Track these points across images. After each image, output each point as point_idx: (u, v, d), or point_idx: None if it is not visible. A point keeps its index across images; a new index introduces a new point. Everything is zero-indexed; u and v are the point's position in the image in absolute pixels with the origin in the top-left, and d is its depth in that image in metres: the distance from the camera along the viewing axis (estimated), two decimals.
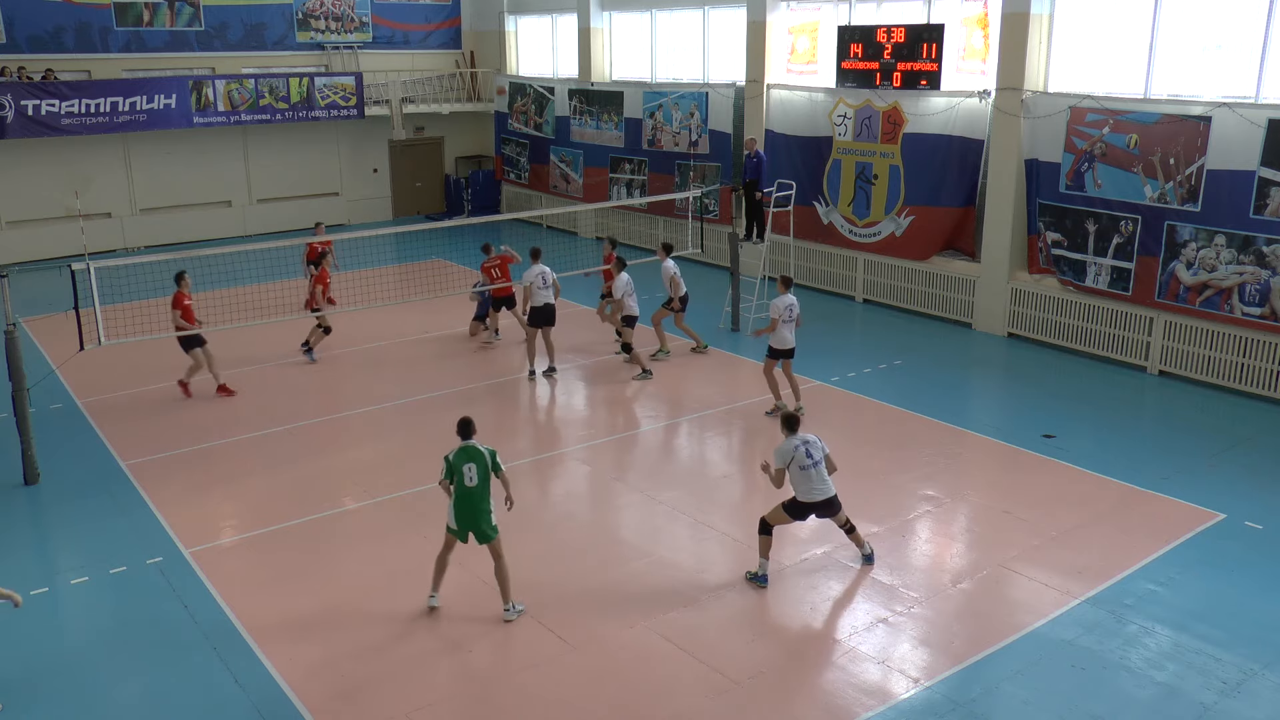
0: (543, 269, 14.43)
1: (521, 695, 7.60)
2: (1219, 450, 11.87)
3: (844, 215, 18.53)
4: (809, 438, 8.92)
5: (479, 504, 8.36)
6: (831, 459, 8.98)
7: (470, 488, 8.31)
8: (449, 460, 8.35)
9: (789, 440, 8.86)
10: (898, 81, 16.84)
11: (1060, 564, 9.31)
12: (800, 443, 8.82)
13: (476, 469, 8.30)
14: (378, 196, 27.41)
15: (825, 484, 8.85)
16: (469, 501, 8.35)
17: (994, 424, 12.95)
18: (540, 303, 14.29)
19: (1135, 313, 14.60)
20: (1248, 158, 12.98)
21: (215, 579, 9.25)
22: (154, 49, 23.70)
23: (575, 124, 24.38)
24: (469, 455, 8.33)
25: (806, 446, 8.82)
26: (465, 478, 8.30)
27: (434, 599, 8.69)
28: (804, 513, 8.96)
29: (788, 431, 8.95)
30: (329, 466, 11.75)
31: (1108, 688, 7.60)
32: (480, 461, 8.33)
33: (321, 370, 15.21)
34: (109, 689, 7.81)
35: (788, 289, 12.85)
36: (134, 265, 14.24)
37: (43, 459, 11.46)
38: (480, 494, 8.35)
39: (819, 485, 8.81)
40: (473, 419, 8.56)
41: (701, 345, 15.52)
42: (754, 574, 9.06)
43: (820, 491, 8.82)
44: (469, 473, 8.30)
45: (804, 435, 8.93)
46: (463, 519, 8.40)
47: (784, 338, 12.71)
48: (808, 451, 8.80)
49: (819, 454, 8.86)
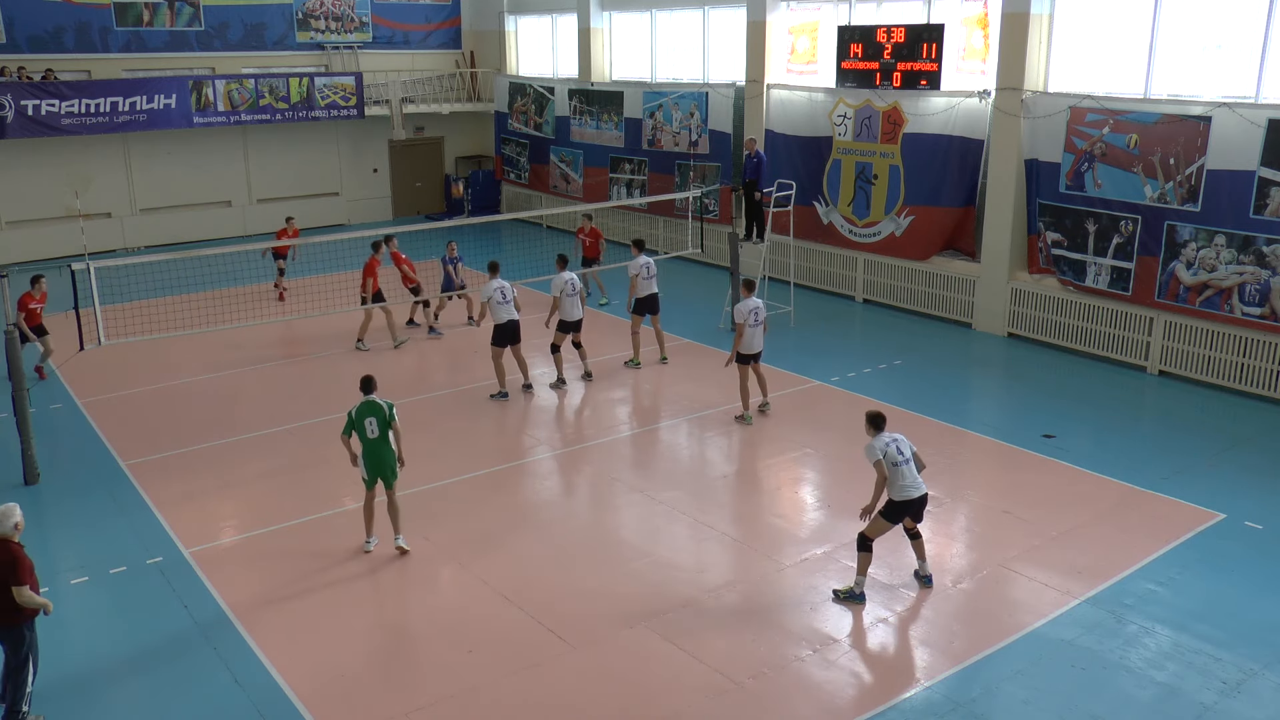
0: (501, 284, 13.46)
1: (521, 695, 7.60)
2: (1219, 450, 11.87)
3: (844, 215, 18.53)
4: (898, 435, 8.68)
5: (381, 453, 9.34)
6: (920, 457, 8.74)
7: (372, 439, 9.29)
8: (351, 415, 9.31)
9: (879, 437, 8.61)
10: (898, 81, 16.84)
11: (1060, 564, 9.31)
12: (890, 440, 8.59)
13: (377, 422, 9.27)
14: (378, 196, 27.40)
15: (918, 481, 8.60)
16: (374, 452, 9.33)
17: (994, 424, 12.95)
18: (502, 319, 13.37)
19: (1135, 313, 14.60)
20: (1248, 158, 12.98)
21: (215, 579, 9.25)
22: (154, 49, 23.70)
23: (575, 124, 24.38)
24: (371, 409, 9.30)
25: (897, 444, 8.59)
26: (367, 430, 9.27)
27: (369, 544, 9.62)
28: (900, 514, 8.68)
29: (874, 430, 8.69)
30: (329, 466, 11.74)
31: (1108, 688, 7.60)
32: (380, 415, 9.28)
33: (321, 370, 15.20)
34: (109, 689, 7.82)
35: (751, 293, 12.71)
36: (134, 265, 14.23)
37: (43, 459, 11.47)
38: (381, 443, 9.32)
39: (912, 482, 8.55)
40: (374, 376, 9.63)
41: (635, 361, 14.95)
42: (849, 591, 8.78)
43: (915, 488, 8.56)
44: (370, 426, 9.26)
45: (892, 433, 8.71)
46: (372, 468, 9.38)
47: (750, 343, 12.51)
48: (899, 448, 8.57)
49: (909, 450, 8.63)
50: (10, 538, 6.99)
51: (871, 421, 8.74)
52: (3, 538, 6.97)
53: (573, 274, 14.19)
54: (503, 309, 13.35)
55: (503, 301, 13.34)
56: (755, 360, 12.73)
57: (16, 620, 6.98)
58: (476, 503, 10.83)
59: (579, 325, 14.21)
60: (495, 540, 9.90)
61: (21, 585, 6.86)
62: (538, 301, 17.82)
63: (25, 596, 6.89)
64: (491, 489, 11.11)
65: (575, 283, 14.00)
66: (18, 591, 6.85)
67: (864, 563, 8.74)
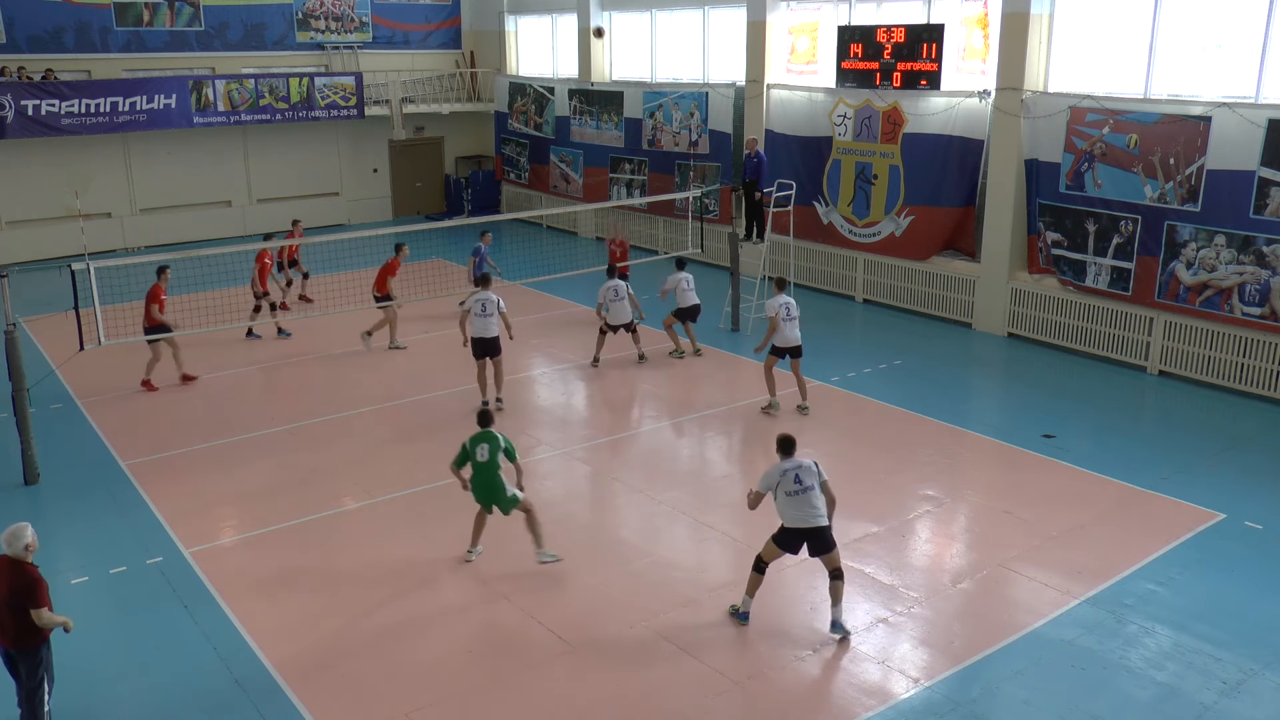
0: (486, 296, 13.00)
1: (521, 695, 7.60)
2: (1219, 450, 11.87)
3: (844, 215, 18.53)
4: (803, 462, 8.20)
5: (489, 478, 9.08)
6: (830, 488, 8.25)
7: (481, 462, 9.05)
8: (465, 445, 9.16)
9: (779, 465, 8.20)
10: (898, 81, 16.84)
11: (1060, 564, 9.31)
12: (791, 467, 8.13)
13: (489, 448, 9.07)
14: (378, 196, 27.41)
15: (815, 510, 8.08)
16: (481, 476, 9.10)
17: (994, 424, 12.95)
18: (477, 333, 12.99)
19: (1135, 313, 14.60)
20: (1248, 158, 12.98)
21: (215, 579, 9.25)
22: (154, 49, 23.70)
23: (575, 124, 24.38)
24: (484, 438, 9.14)
25: (797, 472, 8.11)
26: (477, 454, 9.07)
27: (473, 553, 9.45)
28: (794, 542, 8.19)
29: (781, 454, 8.29)
30: (329, 466, 11.75)
31: (1108, 688, 7.60)
32: (494, 443, 9.10)
33: (321, 370, 15.21)
34: (109, 689, 7.81)
35: (783, 290, 13.10)
36: (134, 265, 14.23)
37: (43, 459, 11.47)
38: (490, 468, 9.04)
39: (806, 511, 8.05)
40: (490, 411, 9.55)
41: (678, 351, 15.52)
42: (735, 609, 8.54)
43: (809, 518, 8.05)
44: (480, 452, 9.06)
45: (798, 460, 8.22)
46: (479, 493, 9.19)
47: (786, 335, 12.77)
48: (797, 477, 8.09)
49: (811, 479, 8.11)
50: (23, 559, 6.72)
51: (780, 446, 8.34)
52: (15, 559, 6.71)
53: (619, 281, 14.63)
54: (480, 322, 12.91)
55: (481, 314, 12.88)
56: (796, 355, 12.95)
57: (35, 643, 6.79)
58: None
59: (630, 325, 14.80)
60: (495, 540, 9.89)
61: (40, 608, 6.65)
62: (535, 304, 17.84)
63: (45, 619, 6.69)
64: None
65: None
66: (37, 615, 6.64)
67: (752, 583, 8.44)
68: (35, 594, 6.65)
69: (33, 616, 6.64)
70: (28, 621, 6.68)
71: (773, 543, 8.28)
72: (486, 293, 13.12)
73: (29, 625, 6.70)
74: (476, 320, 12.97)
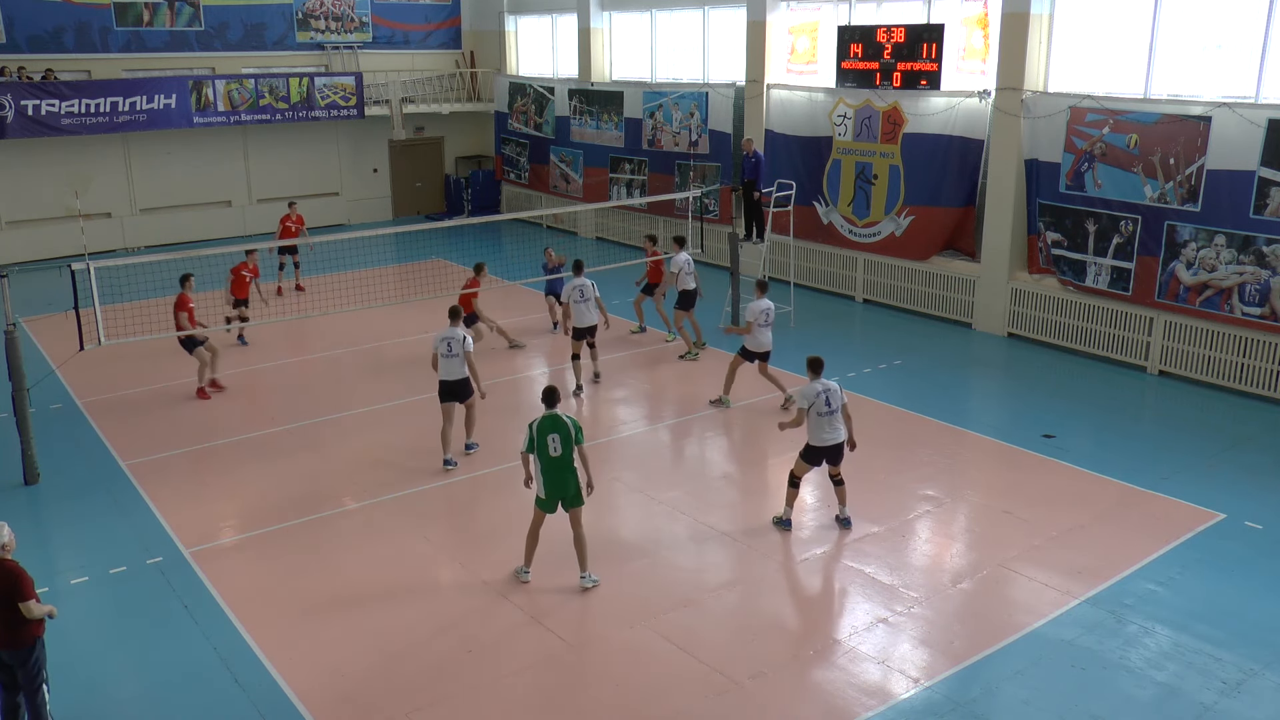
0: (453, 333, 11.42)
1: (521, 695, 7.60)
2: (1219, 450, 11.87)
3: (844, 215, 18.53)
4: (831, 385, 9.59)
5: (566, 473, 8.67)
6: (848, 409, 9.69)
7: (555, 458, 8.59)
8: (532, 429, 8.62)
9: (813, 384, 9.58)
10: (898, 81, 16.84)
11: (1060, 564, 9.31)
12: (822, 389, 9.51)
13: (560, 439, 8.58)
14: (378, 196, 27.40)
15: (837, 431, 9.59)
16: (558, 471, 8.65)
17: (994, 424, 12.95)
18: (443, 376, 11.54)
19: (1135, 313, 14.60)
20: (1248, 158, 12.98)
21: (215, 579, 9.25)
22: (154, 49, 23.70)
23: (575, 124, 24.38)
24: (554, 424, 8.61)
25: (827, 395, 9.51)
26: (550, 448, 8.57)
27: (526, 573, 9.04)
28: (818, 457, 9.69)
29: (812, 374, 9.69)
30: (329, 466, 11.75)
31: (1108, 688, 7.60)
32: (564, 432, 8.60)
33: (321, 370, 15.21)
34: (109, 689, 7.81)
35: (764, 294, 13.17)
36: (134, 265, 14.24)
37: (43, 459, 11.47)
38: (566, 462, 8.63)
39: (829, 433, 9.55)
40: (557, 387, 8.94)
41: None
42: (779, 518, 10.04)
43: (831, 438, 9.57)
44: (553, 443, 8.57)
45: (825, 381, 9.60)
46: (552, 488, 8.70)
47: (760, 340, 12.94)
48: (827, 400, 9.51)
49: (836, 402, 9.56)
50: (2, 557, 6.73)
51: (811, 366, 9.75)
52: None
53: (588, 279, 13.87)
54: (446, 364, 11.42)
55: (447, 354, 11.40)
56: (764, 359, 13.07)
57: (28, 641, 6.79)
58: (477, 503, 10.84)
59: (593, 331, 13.97)
60: (495, 540, 9.89)
61: (29, 600, 6.66)
62: (535, 304, 17.86)
63: (35, 610, 6.71)
64: (492, 489, 11.11)
65: (587, 289, 13.64)
66: (26, 607, 6.65)
67: (790, 496, 9.97)
68: (21, 587, 6.68)
69: (23, 610, 6.67)
70: (17, 618, 6.70)
71: (801, 460, 9.79)
72: (454, 329, 11.54)
73: (19, 621, 6.72)
74: (443, 362, 11.40)
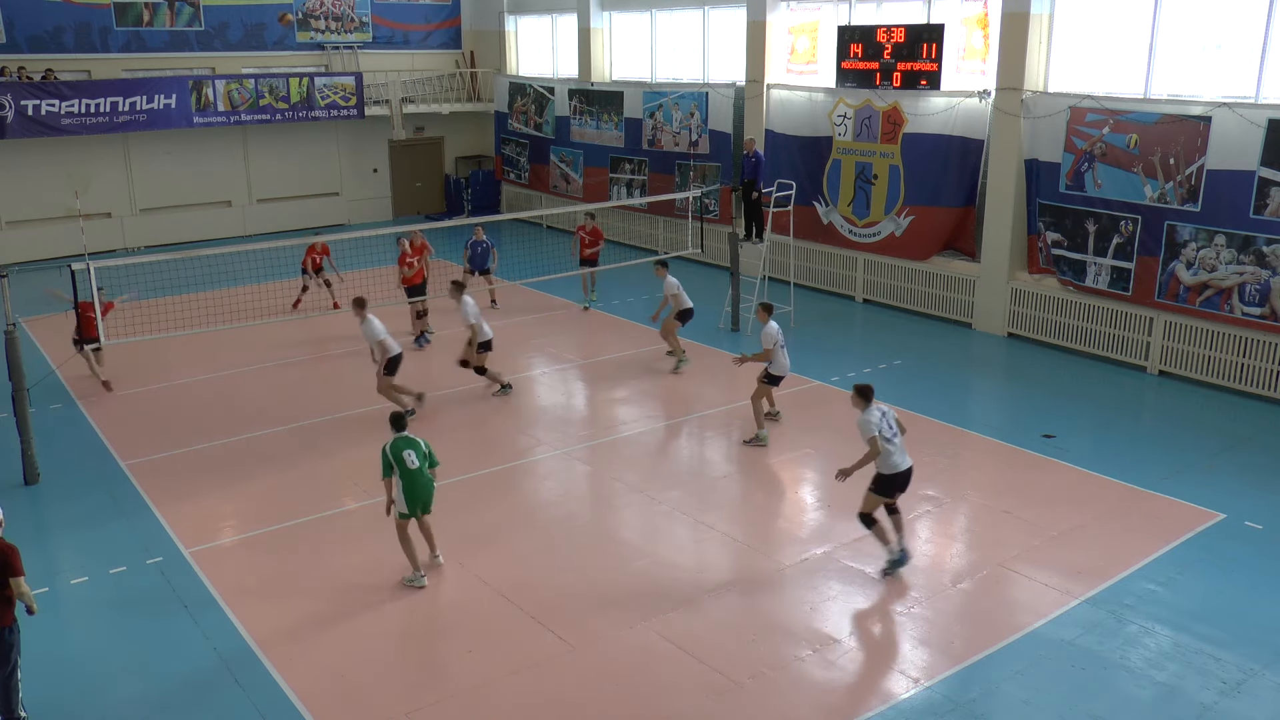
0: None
1: (521, 695, 7.59)
2: (1219, 450, 11.87)
3: (844, 215, 18.53)
4: (885, 409, 8.84)
5: (424, 481, 9.05)
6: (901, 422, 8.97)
7: (413, 469, 8.97)
8: (386, 451, 8.97)
9: (870, 410, 8.72)
10: (898, 81, 16.84)
11: (1060, 564, 9.30)
12: (881, 415, 8.73)
13: (415, 453, 9.00)
14: (378, 196, 27.40)
15: (905, 456, 8.83)
16: (417, 482, 8.99)
17: (994, 424, 12.95)
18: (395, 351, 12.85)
19: (1135, 313, 14.60)
20: (1248, 158, 12.98)
21: (215, 579, 9.25)
22: (154, 49, 23.70)
23: (575, 124, 24.38)
24: (408, 443, 9.04)
25: (886, 418, 8.76)
26: (407, 462, 8.95)
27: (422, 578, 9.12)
28: (891, 488, 8.84)
29: (864, 402, 8.79)
30: (329, 466, 11.75)
31: (1108, 688, 7.60)
32: (418, 448, 9.04)
33: (321, 370, 15.21)
34: (108, 689, 7.81)
35: (770, 315, 12.37)
36: (134, 265, 14.23)
37: (43, 459, 11.47)
38: (421, 473, 9.01)
39: (900, 457, 8.78)
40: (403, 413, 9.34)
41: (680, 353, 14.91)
42: (890, 563, 9.05)
43: (902, 463, 8.79)
44: (409, 458, 8.95)
45: (880, 406, 8.80)
46: (413, 500, 9.03)
47: (781, 363, 12.17)
48: (889, 423, 8.75)
49: (894, 423, 8.83)
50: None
51: (861, 394, 8.85)
52: None
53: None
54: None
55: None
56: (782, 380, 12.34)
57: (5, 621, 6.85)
58: (476, 503, 10.83)
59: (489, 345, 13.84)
60: (495, 540, 9.90)
61: (19, 576, 6.77)
62: (536, 304, 17.88)
63: (24, 588, 6.81)
64: (492, 489, 11.12)
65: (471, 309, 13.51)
66: (16, 583, 6.75)
67: (880, 534, 8.99)
68: (13, 562, 6.74)
69: (12, 585, 6.74)
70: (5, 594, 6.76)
71: (871, 494, 8.86)
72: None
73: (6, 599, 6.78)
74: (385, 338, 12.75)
